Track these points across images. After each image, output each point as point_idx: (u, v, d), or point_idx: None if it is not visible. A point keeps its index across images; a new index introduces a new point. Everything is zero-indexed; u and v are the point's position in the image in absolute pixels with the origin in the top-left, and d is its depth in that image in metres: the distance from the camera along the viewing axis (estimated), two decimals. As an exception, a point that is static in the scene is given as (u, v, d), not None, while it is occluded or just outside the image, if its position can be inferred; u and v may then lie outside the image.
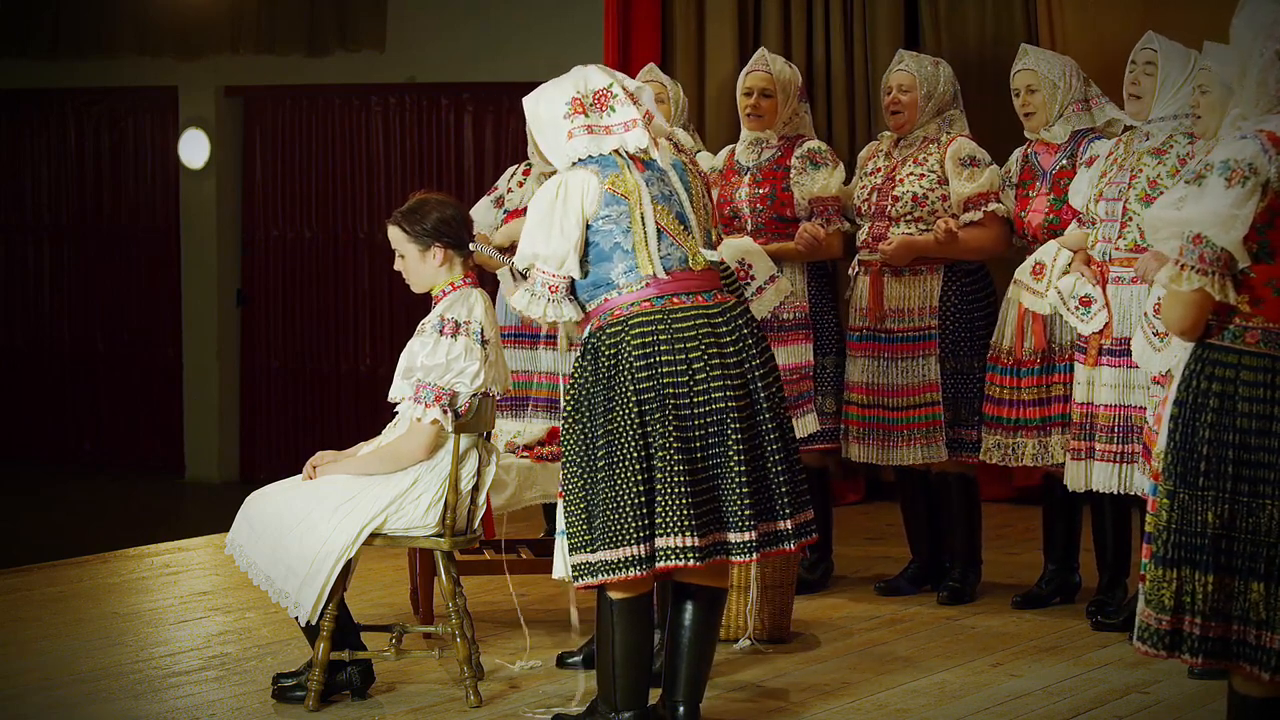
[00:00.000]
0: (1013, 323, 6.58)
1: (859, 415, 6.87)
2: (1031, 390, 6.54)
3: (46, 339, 12.78)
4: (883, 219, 6.79)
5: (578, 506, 4.89)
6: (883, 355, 6.82)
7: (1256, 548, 3.97)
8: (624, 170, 4.92)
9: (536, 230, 4.93)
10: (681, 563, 4.79)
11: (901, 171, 6.80)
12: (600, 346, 4.89)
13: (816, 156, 6.92)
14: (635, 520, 4.80)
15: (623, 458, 4.81)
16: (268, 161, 12.06)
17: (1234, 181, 3.91)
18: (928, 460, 6.80)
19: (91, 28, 12.14)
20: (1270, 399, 3.96)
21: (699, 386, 4.84)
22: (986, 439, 6.66)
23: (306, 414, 12.03)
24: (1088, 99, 6.68)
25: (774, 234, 6.88)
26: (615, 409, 4.83)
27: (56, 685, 5.74)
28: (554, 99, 5.00)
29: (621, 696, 4.95)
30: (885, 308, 6.80)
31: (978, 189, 6.70)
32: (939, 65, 6.90)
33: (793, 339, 6.87)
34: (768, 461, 4.93)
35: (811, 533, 5.06)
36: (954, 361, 6.77)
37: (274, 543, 5.36)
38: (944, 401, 6.74)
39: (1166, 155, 6.12)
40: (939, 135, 6.83)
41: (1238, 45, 4.08)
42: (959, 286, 6.79)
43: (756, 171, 6.95)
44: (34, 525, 10.56)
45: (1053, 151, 6.67)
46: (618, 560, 4.82)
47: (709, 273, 5.00)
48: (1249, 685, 4.04)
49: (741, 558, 4.89)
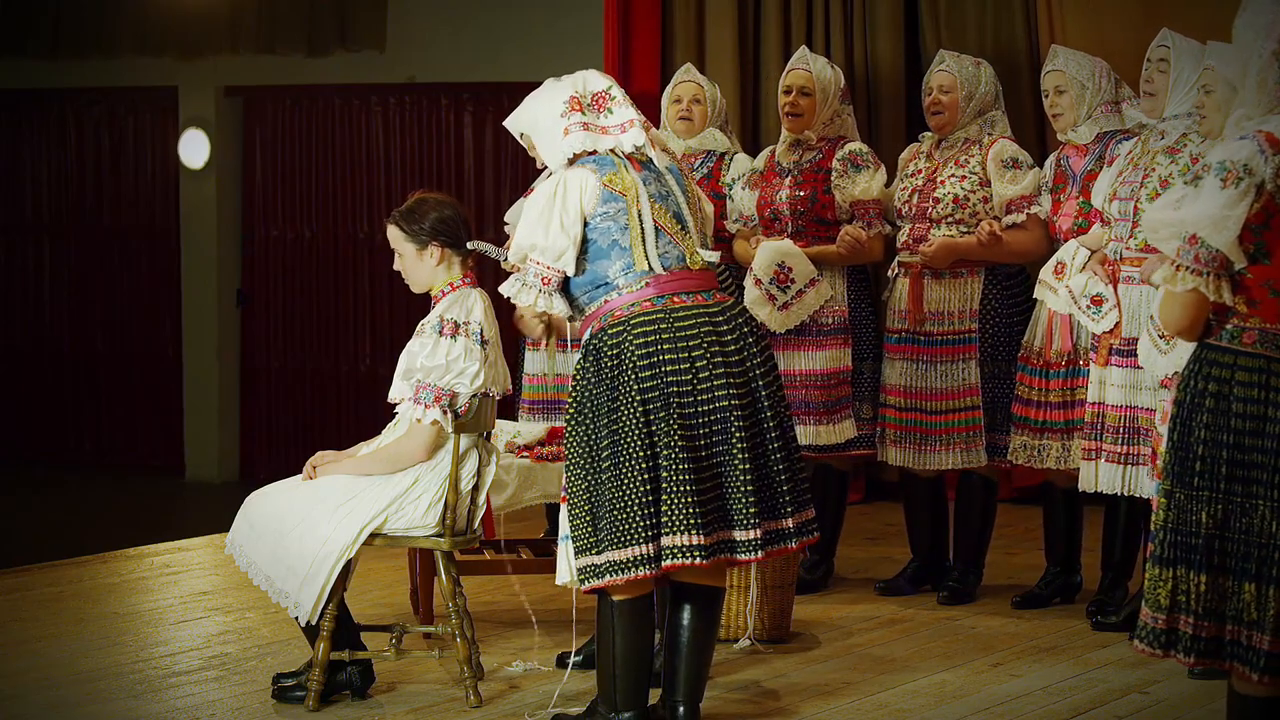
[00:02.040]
0: (1043, 324, 6.55)
1: (896, 418, 6.83)
2: (1059, 393, 6.51)
3: (46, 339, 12.77)
4: (923, 220, 6.76)
5: (582, 509, 4.89)
6: (921, 358, 6.77)
7: (1249, 548, 3.97)
8: (621, 169, 4.94)
9: (535, 223, 4.94)
10: (688, 561, 4.79)
11: (943, 173, 6.76)
12: (602, 348, 4.89)
13: (858, 159, 6.89)
14: (643, 519, 4.79)
15: (628, 458, 4.80)
16: (268, 161, 12.06)
17: (1229, 182, 3.91)
18: (967, 465, 6.75)
19: (91, 28, 12.13)
20: (1264, 400, 3.96)
21: (702, 385, 4.85)
22: (1014, 439, 6.62)
23: (306, 414, 12.03)
24: (1118, 100, 6.61)
25: (814, 237, 6.86)
26: (620, 409, 4.83)
27: (56, 685, 5.74)
28: (551, 98, 5.04)
29: (621, 697, 4.96)
30: (925, 310, 6.76)
31: (1020, 191, 6.67)
32: (980, 66, 6.83)
33: (831, 343, 6.84)
34: (770, 459, 4.93)
35: (813, 531, 5.06)
36: (992, 365, 6.73)
37: (274, 543, 5.36)
38: (983, 405, 6.72)
39: (1180, 154, 6.06)
40: (980, 136, 6.79)
41: (1239, 45, 4.08)
42: (999, 290, 6.75)
43: (797, 173, 6.92)
44: (34, 525, 10.55)
45: (1082, 154, 6.63)
46: (625, 560, 4.81)
47: (707, 272, 5.01)
48: (1248, 685, 4.04)
49: (747, 555, 4.89)
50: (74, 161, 12.68)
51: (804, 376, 6.82)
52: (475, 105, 11.37)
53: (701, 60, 9.21)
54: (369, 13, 11.39)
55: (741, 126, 9.08)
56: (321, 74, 11.64)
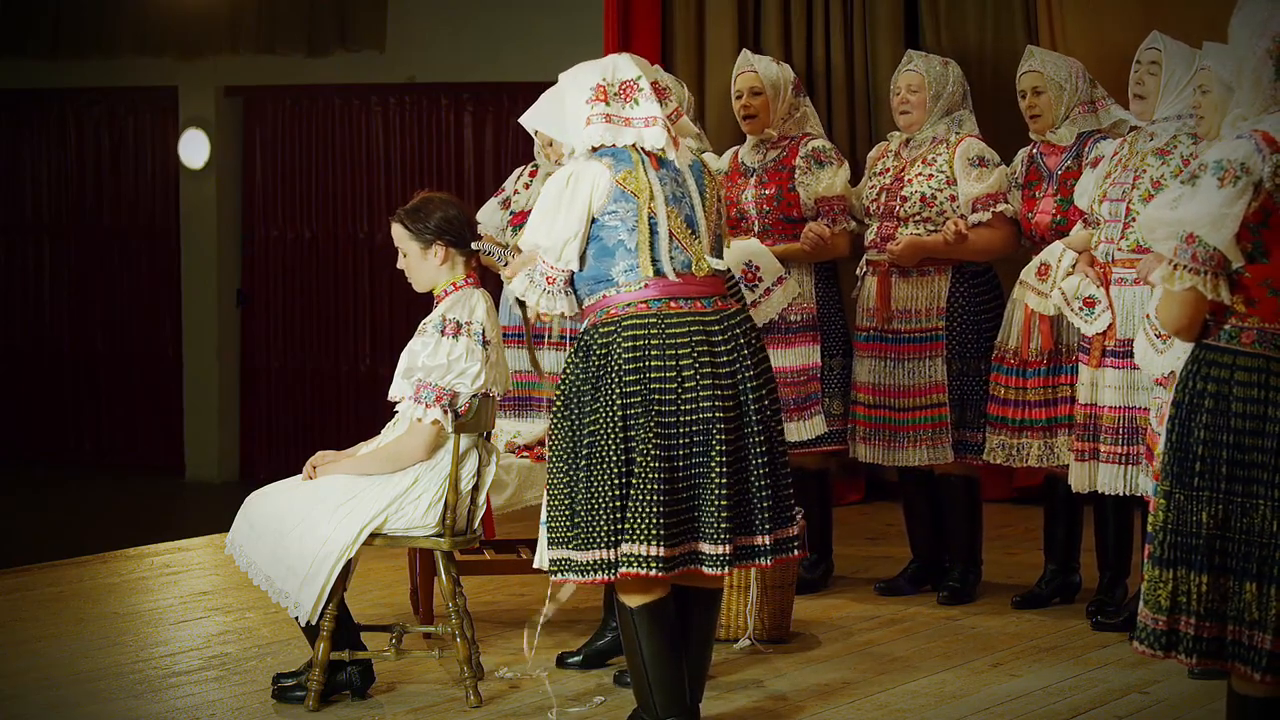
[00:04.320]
0: (1019, 323, 6.56)
1: (865, 415, 6.86)
2: (1038, 391, 6.52)
3: (46, 339, 12.78)
4: (891, 219, 6.77)
5: (561, 502, 4.88)
6: (889, 356, 6.80)
7: (1249, 548, 3.97)
8: (638, 167, 4.90)
9: (542, 219, 4.91)
10: (643, 571, 4.75)
11: (910, 172, 6.78)
12: (592, 344, 4.86)
13: (821, 155, 6.90)
14: (607, 524, 4.78)
15: (602, 459, 4.78)
16: (268, 161, 12.06)
17: (1226, 181, 3.91)
18: (933, 461, 6.79)
19: (91, 28, 12.13)
20: (1264, 399, 3.96)
21: (687, 394, 4.80)
22: (990, 439, 6.64)
23: (306, 414, 12.03)
24: (1094, 100, 6.65)
25: (781, 235, 6.87)
26: (600, 410, 4.80)
27: (56, 685, 5.74)
28: (580, 83, 4.97)
29: (660, 702, 4.90)
30: (892, 308, 6.78)
31: (986, 189, 6.68)
32: (948, 65, 6.86)
33: (800, 340, 6.86)
34: (751, 475, 4.88)
35: (793, 549, 4.99)
36: (960, 363, 6.75)
37: (274, 543, 5.36)
38: (950, 403, 6.74)
39: (1170, 155, 6.09)
40: (948, 135, 6.80)
41: (1235, 45, 4.08)
42: (967, 288, 6.77)
43: (762, 172, 6.93)
44: (34, 525, 10.55)
45: (1058, 153, 6.66)
46: (585, 563, 4.81)
47: (712, 279, 4.95)
48: (1248, 685, 4.04)
49: (713, 570, 4.85)
50: (74, 161, 12.69)
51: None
52: (475, 105, 11.37)
53: (701, 60, 9.22)
54: (369, 13, 11.40)
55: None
56: (321, 74, 11.64)
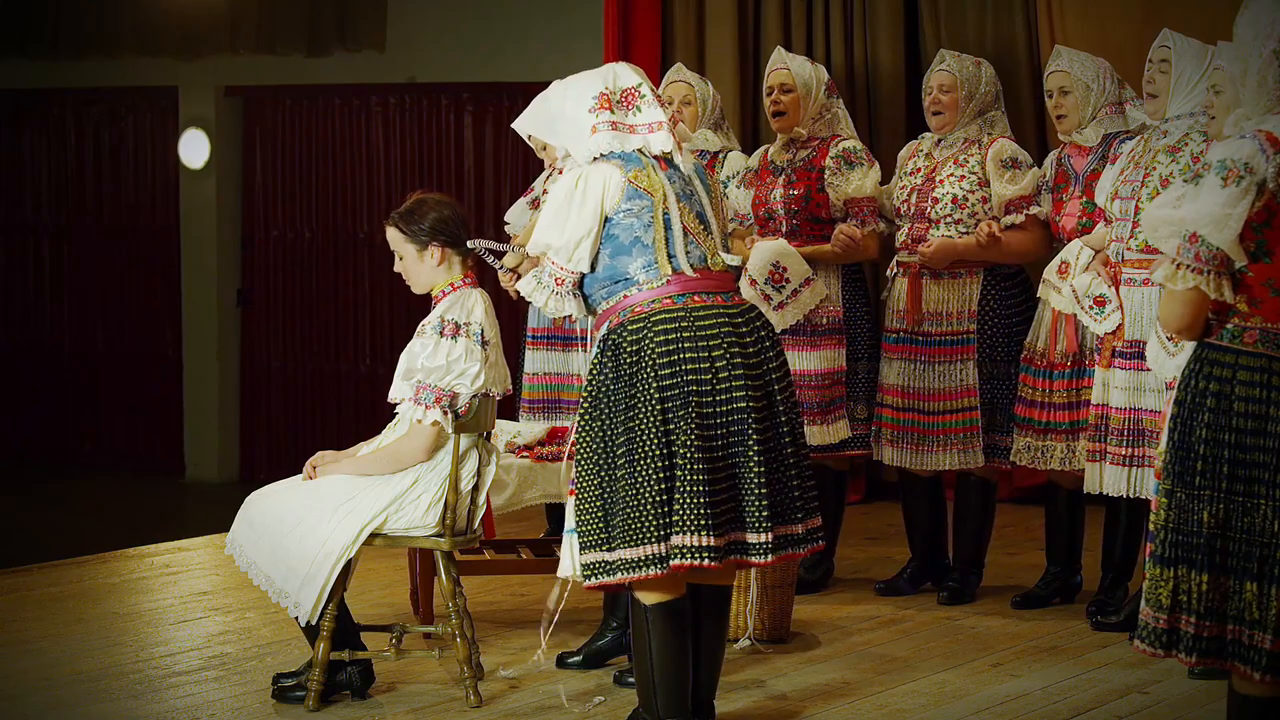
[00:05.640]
0: (1047, 324, 6.53)
1: (893, 418, 6.82)
2: (1063, 394, 6.49)
3: (46, 339, 12.77)
4: (922, 220, 6.75)
5: (593, 504, 4.84)
6: (919, 358, 6.76)
7: (1250, 547, 3.97)
8: (648, 167, 4.91)
9: (551, 221, 4.90)
10: (697, 561, 4.74)
11: (942, 173, 6.75)
12: (621, 343, 4.84)
13: (851, 156, 6.88)
14: (655, 518, 4.76)
15: (644, 455, 4.76)
16: (268, 161, 12.06)
17: (1229, 181, 3.91)
18: (964, 465, 6.74)
19: (91, 28, 12.12)
20: (1266, 399, 3.96)
21: (721, 385, 4.81)
22: (1017, 440, 6.60)
23: (306, 414, 12.03)
24: (1121, 101, 6.59)
25: (809, 236, 6.85)
26: (637, 406, 4.79)
27: (56, 685, 5.74)
28: (581, 92, 4.97)
29: (663, 704, 4.89)
30: (923, 310, 6.75)
31: (1019, 191, 6.66)
32: (981, 65, 6.82)
33: (826, 343, 6.83)
34: (783, 464, 4.90)
35: (819, 539, 5.03)
36: (991, 366, 6.72)
37: (274, 543, 5.36)
38: (980, 406, 6.72)
39: (1180, 153, 6.04)
40: (980, 136, 6.78)
41: (1239, 45, 4.09)
42: (998, 290, 6.74)
43: (791, 172, 6.91)
44: (34, 525, 10.55)
45: (1085, 154, 6.61)
46: (637, 559, 4.78)
47: (726, 274, 4.99)
48: (1249, 685, 4.05)
49: (759, 559, 4.86)
50: (74, 161, 12.68)
51: (799, 376, 6.79)
52: (475, 105, 11.37)
53: (701, 60, 9.21)
54: (369, 13, 11.39)
55: (741, 127, 9.08)
56: (321, 74, 11.63)
